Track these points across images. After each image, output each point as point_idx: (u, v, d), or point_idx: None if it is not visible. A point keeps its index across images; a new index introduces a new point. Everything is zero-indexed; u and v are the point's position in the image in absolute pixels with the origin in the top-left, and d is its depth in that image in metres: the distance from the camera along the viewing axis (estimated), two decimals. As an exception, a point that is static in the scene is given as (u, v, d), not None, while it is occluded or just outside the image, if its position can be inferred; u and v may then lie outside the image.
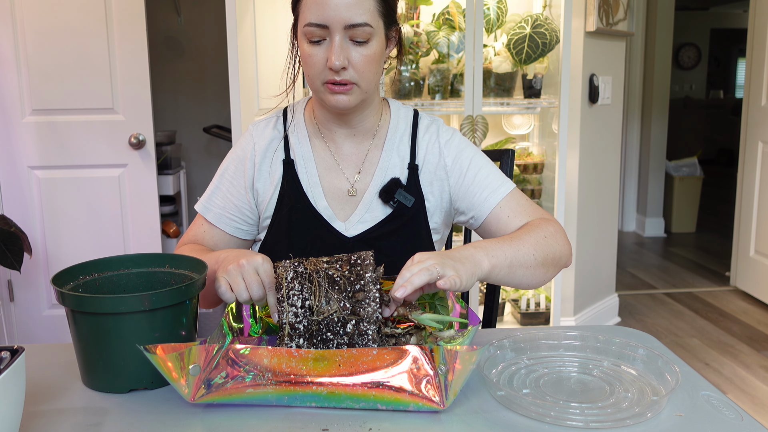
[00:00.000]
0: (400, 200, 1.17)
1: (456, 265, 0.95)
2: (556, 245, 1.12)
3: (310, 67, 1.09)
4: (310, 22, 1.05)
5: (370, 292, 0.89)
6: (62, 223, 2.60)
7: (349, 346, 0.88)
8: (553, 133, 2.65)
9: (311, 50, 1.08)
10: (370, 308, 0.89)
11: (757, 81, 3.61)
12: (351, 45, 1.07)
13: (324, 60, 1.07)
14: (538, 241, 1.09)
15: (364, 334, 0.88)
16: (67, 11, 2.48)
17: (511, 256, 1.05)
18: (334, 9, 1.04)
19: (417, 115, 1.25)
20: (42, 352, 1.04)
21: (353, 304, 0.89)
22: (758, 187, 3.62)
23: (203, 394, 0.82)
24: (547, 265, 1.10)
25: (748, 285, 3.74)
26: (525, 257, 1.07)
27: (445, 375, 0.79)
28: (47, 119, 2.54)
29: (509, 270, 1.04)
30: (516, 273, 1.06)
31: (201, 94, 3.59)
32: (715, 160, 8.85)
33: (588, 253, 3.09)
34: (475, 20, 2.38)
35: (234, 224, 1.22)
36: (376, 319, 0.89)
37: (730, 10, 9.46)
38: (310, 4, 1.05)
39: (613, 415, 0.81)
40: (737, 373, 2.75)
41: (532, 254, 1.07)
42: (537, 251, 1.08)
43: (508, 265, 1.04)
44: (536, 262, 1.08)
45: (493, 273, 1.02)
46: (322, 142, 1.22)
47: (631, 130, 5.11)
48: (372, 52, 1.08)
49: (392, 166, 1.21)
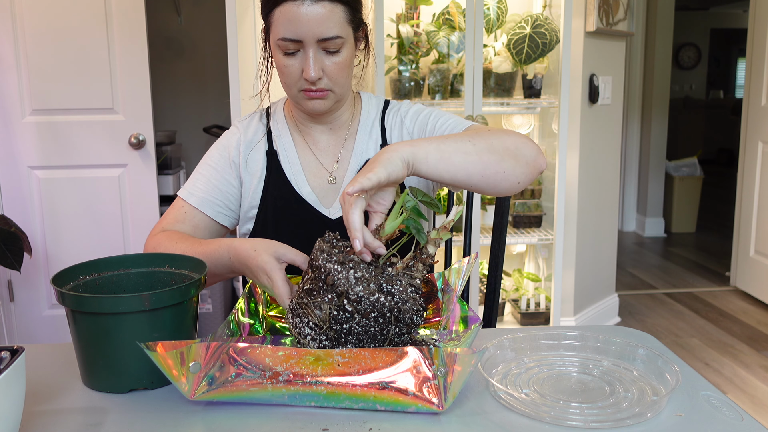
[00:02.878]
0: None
1: (369, 166, 0.92)
2: (507, 138, 1.05)
3: (286, 76, 1.15)
4: (284, 37, 1.10)
5: (339, 273, 0.87)
6: (62, 223, 2.60)
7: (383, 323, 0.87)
8: (553, 133, 2.65)
9: (286, 61, 1.13)
10: (344, 278, 0.87)
11: (757, 81, 3.61)
12: (324, 55, 1.12)
13: (299, 70, 1.13)
14: (478, 134, 1.05)
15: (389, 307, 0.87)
16: (67, 11, 2.48)
17: (438, 141, 1.00)
18: (306, 25, 1.08)
19: (387, 103, 1.32)
20: (42, 352, 1.04)
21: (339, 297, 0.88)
22: (758, 187, 3.62)
23: (204, 392, 0.82)
24: (498, 154, 1.02)
25: (748, 285, 3.74)
26: (459, 144, 1.00)
27: (444, 377, 0.79)
28: (47, 119, 2.54)
29: (440, 154, 0.98)
30: (453, 159, 0.99)
31: (201, 94, 3.59)
32: (715, 160, 8.85)
33: (588, 253, 3.09)
34: (475, 20, 2.38)
35: (217, 208, 1.25)
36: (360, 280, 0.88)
37: (730, 10, 9.46)
38: (283, 19, 1.09)
39: (613, 415, 0.81)
40: (737, 373, 2.75)
41: (468, 140, 1.02)
42: (475, 139, 1.02)
43: (435, 148, 0.98)
44: (477, 148, 1.01)
45: (419, 155, 0.96)
46: (300, 137, 1.29)
47: (631, 130, 5.11)
48: (344, 59, 1.14)
49: (366, 150, 1.27)
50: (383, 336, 0.87)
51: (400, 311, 0.86)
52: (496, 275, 1.42)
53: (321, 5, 1.08)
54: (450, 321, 1.03)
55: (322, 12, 1.08)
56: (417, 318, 0.89)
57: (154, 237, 1.19)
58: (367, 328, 0.86)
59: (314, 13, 1.08)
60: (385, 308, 0.85)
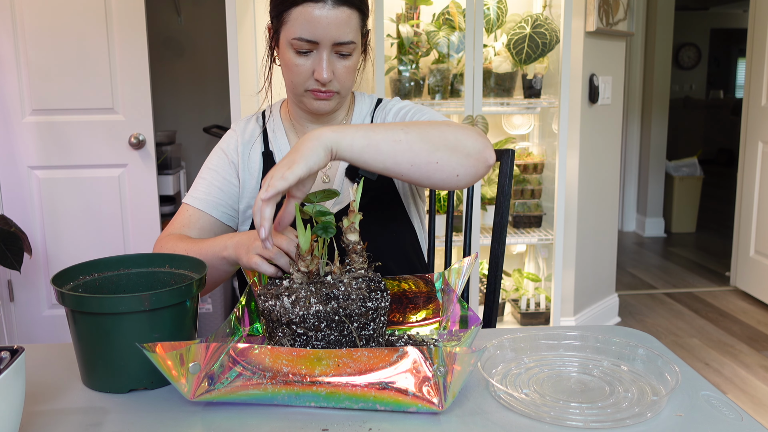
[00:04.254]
0: (365, 175, 1.20)
1: (290, 156, 0.93)
2: (448, 130, 1.02)
3: (295, 75, 1.16)
4: (301, 37, 1.11)
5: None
6: (62, 223, 2.60)
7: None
8: (553, 133, 2.65)
9: (297, 60, 1.14)
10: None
11: (757, 81, 3.61)
12: (336, 58, 1.14)
13: (310, 70, 1.14)
14: (416, 124, 1.03)
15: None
16: (67, 11, 2.48)
17: (368, 128, 0.98)
18: (325, 27, 1.10)
19: (380, 101, 1.33)
20: (42, 352, 1.04)
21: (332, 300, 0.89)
22: (758, 187, 3.62)
23: (204, 392, 0.82)
24: (432, 143, 1.00)
25: (748, 285, 3.74)
26: (389, 132, 0.98)
27: (443, 376, 0.79)
28: (47, 119, 2.54)
29: (366, 140, 0.96)
30: (381, 146, 0.97)
31: (201, 94, 3.59)
32: (715, 160, 8.85)
33: (588, 253, 3.09)
34: (475, 20, 2.38)
35: (220, 208, 1.27)
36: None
37: (730, 10, 9.46)
38: (302, 20, 1.10)
39: (612, 415, 0.81)
40: (737, 373, 2.75)
41: (401, 129, 0.99)
42: (409, 128, 1.00)
43: (363, 135, 0.96)
44: (408, 138, 0.99)
45: (344, 143, 0.95)
46: (296, 137, 1.31)
47: (631, 130, 5.11)
48: (353, 63, 1.17)
49: None
50: (347, 338, 0.88)
51: (346, 308, 0.87)
52: (496, 275, 1.42)
53: (341, 10, 1.10)
54: (450, 321, 1.04)
55: (341, 17, 1.10)
56: (373, 303, 0.89)
57: (159, 241, 1.21)
58: (328, 338, 0.87)
59: (334, 17, 1.10)
60: (330, 313, 0.86)
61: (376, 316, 0.90)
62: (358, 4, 1.13)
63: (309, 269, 0.93)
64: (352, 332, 0.88)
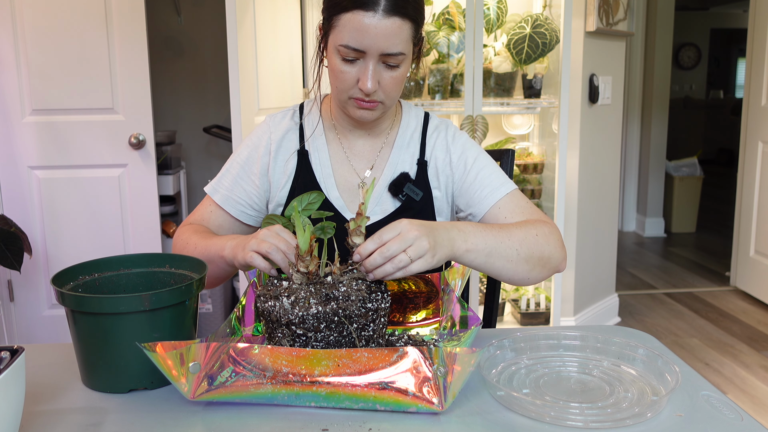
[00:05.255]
0: (409, 194, 1.21)
1: (436, 248, 0.96)
2: (546, 246, 1.10)
3: (340, 82, 1.12)
4: (347, 45, 1.06)
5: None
6: (62, 223, 2.60)
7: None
8: (553, 133, 2.65)
9: (343, 67, 1.10)
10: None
11: (757, 81, 3.61)
12: (383, 68, 1.10)
13: (355, 78, 1.10)
14: (526, 237, 1.08)
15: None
16: (67, 11, 2.48)
17: (492, 246, 1.04)
18: (373, 37, 1.05)
19: (427, 116, 1.29)
20: (42, 352, 1.04)
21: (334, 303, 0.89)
22: (758, 187, 3.62)
23: (204, 392, 0.82)
24: (532, 263, 1.08)
25: (748, 285, 3.74)
26: (507, 250, 1.06)
27: (444, 377, 0.79)
28: (47, 119, 2.54)
29: (487, 259, 1.04)
30: (495, 264, 1.05)
31: (201, 94, 3.59)
32: (715, 160, 8.85)
33: (588, 253, 3.09)
34: (475, 20, 2.38)
35: (240, 207, 1.24)
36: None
37: (730, 10, 9.46)
38: (350, 27, 1.05)
39: (612, 415, 0.81)
40: (737, 373, 2.75)
41: (515, 248, 1.06)
42: (522, 246, 1.07)
43: (486, 254, 1.04)
44: (519, 257, 1.07)
45: (468, 257, 1.02)
46: (335, 138, 1.26)
47: (631, 130, 5.11)
48: (401, 74, 1.12)
49: (402, 162, 1.24)
50: (346, 339, 0.88)
51: (345, 309, 0.87)
52: (496, 275, 1.42)
53: (392, 20, 1.04)
54: (450, 321, 1.04)
55: (392, 27, 1.05)
56: (372, 304, 0.89)
57: (180, 228, 1.22)
58: (327, 339, 0.87)
59: (384, 27, 1.04)
60: (329, 314, 0.86)
61: (376, 317, 0.90)
62: (413, 14, 1.07)
63: (308, 270, 0.93)
64: (352, 333, 0.88)
